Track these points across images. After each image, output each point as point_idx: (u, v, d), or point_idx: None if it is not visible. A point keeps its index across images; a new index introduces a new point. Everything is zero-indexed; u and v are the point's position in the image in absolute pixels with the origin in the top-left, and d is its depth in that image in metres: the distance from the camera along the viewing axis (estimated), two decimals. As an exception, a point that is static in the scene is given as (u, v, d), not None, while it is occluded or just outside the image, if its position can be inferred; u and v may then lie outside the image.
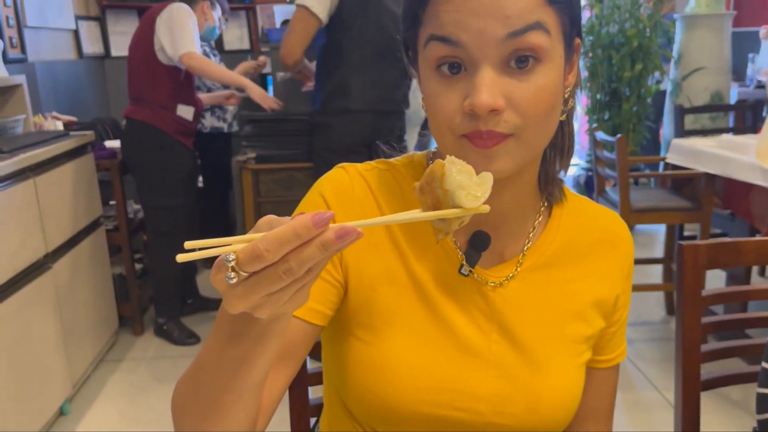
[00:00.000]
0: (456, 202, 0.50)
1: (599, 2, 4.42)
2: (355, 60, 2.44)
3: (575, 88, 0.72)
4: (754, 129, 3.32)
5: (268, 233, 0.44)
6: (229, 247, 0.45)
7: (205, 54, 3.43)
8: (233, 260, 0.44)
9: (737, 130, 3.56)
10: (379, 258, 0.74)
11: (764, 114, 4.09)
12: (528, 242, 0.77)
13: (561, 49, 0.65)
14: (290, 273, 0.44)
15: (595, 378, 0.82)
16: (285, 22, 3.09)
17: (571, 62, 0.69)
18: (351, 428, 0.79)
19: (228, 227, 4.00)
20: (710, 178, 2.68)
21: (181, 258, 0.44)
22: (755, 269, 3.41)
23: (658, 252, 3.92)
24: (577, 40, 0.70)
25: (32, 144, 2.32)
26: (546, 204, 0.79)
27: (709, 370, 1.12)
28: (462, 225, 0.53)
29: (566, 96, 0.70)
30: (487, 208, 0.51)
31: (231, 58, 4.13)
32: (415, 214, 0.51)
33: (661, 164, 3.22)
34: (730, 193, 2.68)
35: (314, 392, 0.96)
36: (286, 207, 2.83)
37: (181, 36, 2.67)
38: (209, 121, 3.61)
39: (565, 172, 0.79)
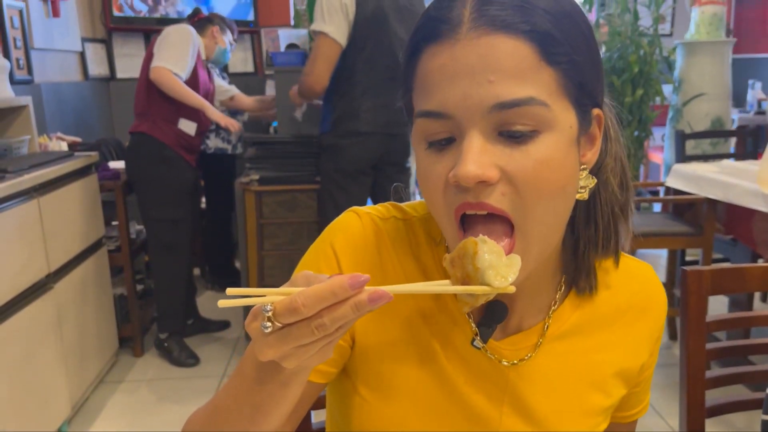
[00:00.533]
0: (485, 280, 0.52)
1: (600, 29, 4.47)
2: (367, 83, 2.48)
3: (607, 165, 0.65)
4: (755, 155, 3.33)
5: (306, 289, 0.46)
6: (267, 298, 0.47)
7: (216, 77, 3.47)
8: (271, 311, 0.47)
9: (738, 155, 3.58)
10: (389, 320, 0.69)
11: (765, 139, 4.12)
12: (548, 319, 0.70)
13: (571, 117, 0.57)
14: (322, 329, 0.46)
15: (612, 430, 0.77)
16: (290, 46, 3.13)
17: (591, 136, 0.61)
18: None
19: (230, 249, 4.00)
20: (712, 203, 2.68)
21: (222, 304, 0.48)
22: (757, 295, 3.40)
23: (660, 277, 3.91)
24: (597, 111, 0.61)
25: (37, 164, 2.33)
26: (568, 290, 0.71)
27: (713, 396, 1.12)
28: (487, 300, 0.54)
29: (584, 175, 0.61)
30: (513, 289, 0.52)
31: (235, 80, 4.16)
32: (445, 287, 0.53)
33: (662, 189, 3.23)
34: (732, 219, 2.68)
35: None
36: (288, 228, 2.84)
37: (165, 50, 2.75)
38: (213, 142, 3.63)
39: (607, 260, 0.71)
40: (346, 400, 0.73)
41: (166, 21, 4.19)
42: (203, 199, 3.83)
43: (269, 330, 0.47)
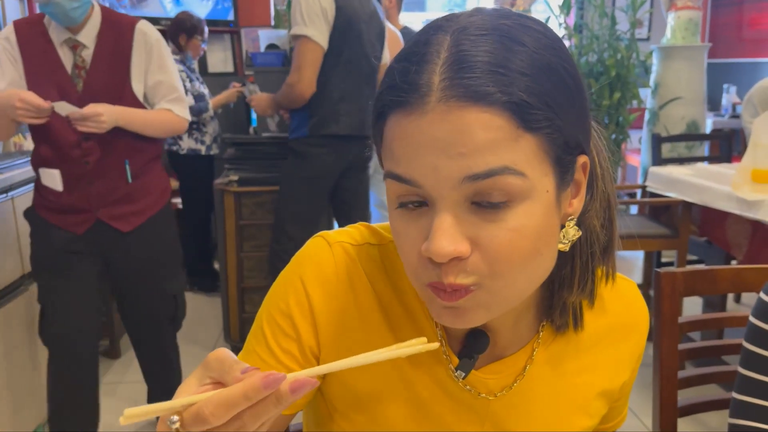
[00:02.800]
0: None
1: (578, 32, 4.53)
2: (344, 88, 2.48)
3: (592, 209, 0.61)
4: (729, 158, 3.39)
5: (215, 395, 0.42)
6: (171, 405, 0.43)
7: (182, 81, 3.43)
8: (177, 422, 0.43)
9: (712, 158, 3.64)
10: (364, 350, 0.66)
11: (738, 144, 4.19)
12: (533, 346, 0.68)
13: (549, 182, 0.53)
14: (243, 428, 0.43)
15: None
16: (270, 46, 3.11)
17: (576, 184, 0.58)
18: None
19: (208, 251, 3.97)
20: (687, 205, 2.72)
21: (124, 421, 0.42)
22: (731, 296, 3.46)
23: (636, 278, 3.96)
24: (583, 159, 0.57)
25: (11, 164, 2.30)
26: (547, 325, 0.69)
27: (686, 396, 1.14)
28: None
29: (567, 228, 0.58)
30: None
31: (215, 81, 4.15)
32: (392, 351, 0.50)
33: (639, 192, 3.28)
34: (707, 221, 2.73)
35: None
36: (268, 230, 2.82)
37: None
38: (186, 143, 3.60)
39: (578, 306, 0.68)
40: (324, 427, 0.71)
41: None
42: (180, 201, 3.80)
43: None
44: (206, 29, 3.69)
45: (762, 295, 0.87)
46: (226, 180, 2.80)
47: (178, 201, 3.88)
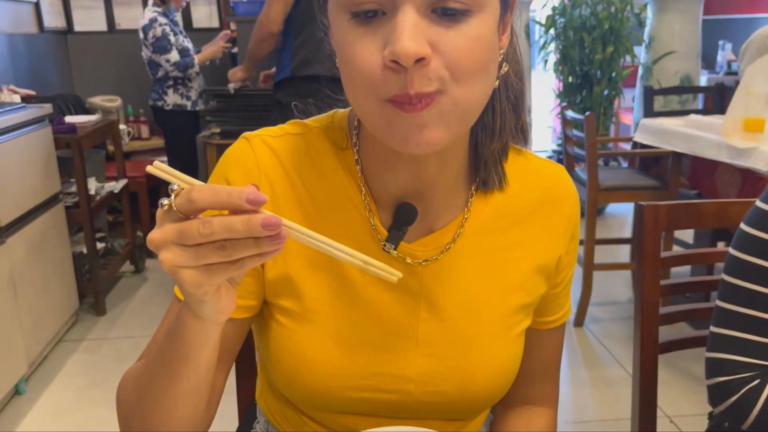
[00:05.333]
0: None
1: (571, -15, 4.42)
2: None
3: (508, 52, 0.65)
4: (722, 111, 3.34)
5: (210, 185, 0.47)
6: (178, 180, 0.49)
7: (166, 34, 3.34)
8: (175, 191, 0.48)
9: (706, 113, 3.59)
10: (297, 245, 0.67)
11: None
12: (463, 216, 0.69)
13: (496, 1, 0.57)
14: (208, 229, 0.46)
15: (539, 339, 0.78)
16: (252, -4, 3.02)
17: (505, 21, 0.61)
18: (284, 407, 0.77)
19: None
20: (677, 157, 2.68)
21: (149, 169, 0.49)
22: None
23: (626, 233, 3.95)
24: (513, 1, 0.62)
25: None
26: (478, 187, 0.71)
27: (669, 333, 1.11)
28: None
29: (500, 59, 0.61)
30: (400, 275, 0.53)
31: (200, 36, 4.05)
32: (350, 256, 0.51)
33: (630, 145, 3.23)
34: (697, 173, 2.69)
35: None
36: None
37: None
38: (172, 98, 3.52)
39: (501, 155, 0.70)
40: (267, 333, 0.71)
41: (126, -28, 4.04)
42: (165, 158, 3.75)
43: (164, 208, 0.48)
44: None
45: (759, 203, 0.85)
46: (209, 133, 2.75)
47: (164, 158, 3.83)
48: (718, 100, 3.45)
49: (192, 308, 0.52)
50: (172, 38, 3.37)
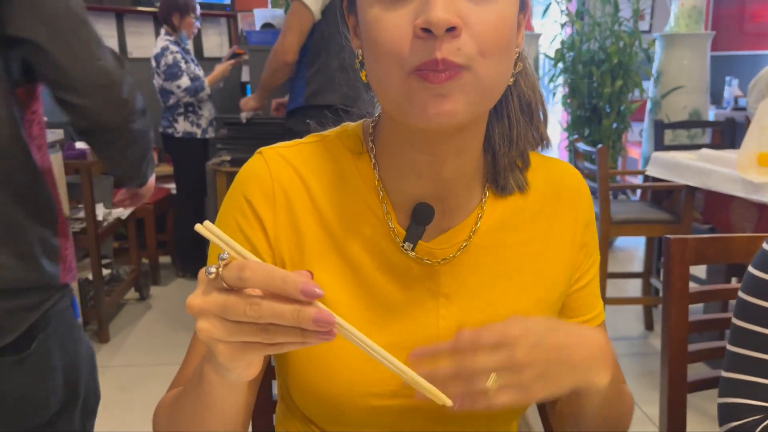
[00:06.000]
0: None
1: (580, 19, 4.46)
2: (344, 56, 2.39)
3: (521, 65, 0.67)
4: (732, 145, 3.33)
5: (264, 263, 0.45)
6: (230, 249, 0.47)
7: (177, 61, 3.36)
8: (225, 260, 0.46)
9: (714, 147, 3.58)
10: (315, 250, 0.68)
11: (742, 134, 4.13)
12: (479, 213, 0.70)
13: None
14: (255, 311, 0.44)
15: None
16: (266, 26, 3.05)
17: (519, 19, 0.63)
18: (303, 428, 0.74)
19: (202, 237, 3.90)
20: (690, 191, 2.66)
21: (198, 228, 0.47)
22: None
23: (638, 267, 3.91)
24: (528, 2, 0.65)
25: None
26: (492, 187, 0.72)
27: (696, 371, 1.07)
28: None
29: (515, 56, 0.63)
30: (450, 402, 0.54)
31: (211, 65, 4.07)
32: (405, 373, 0.51)
33: (641, 178, 3.22)
34: (711, 207, 2.67)
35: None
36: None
37: None
38: (182, 126, 3.53)
39: (520, 162, 0.72)
40: None
41: (140, 1, 4.09)
42: (173, 186, 3.74)
43: (211, 276, 0.46)
44: (198, 5, 3.58)
45: (766, 245, 0.84)
46: (219, 160, 2.74)
47: (172, 186, 3.82)
48: (728, 134, 3.44)
49: (217, 370, 0.52)
50: (183, 65, 3.39)
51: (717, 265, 2.81)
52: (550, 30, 4.73)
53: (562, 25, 4.51)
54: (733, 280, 2.79)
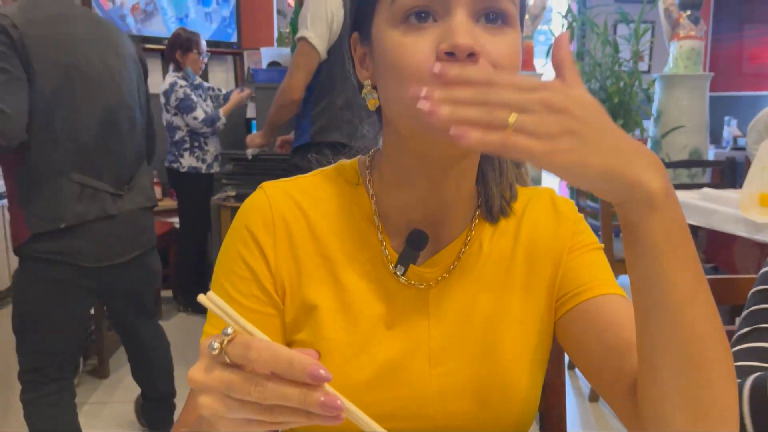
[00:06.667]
0: None
1: (581, 59, 4.53)
2: (349, 95, 2.43)
3: None
4: (733, 185, 3.36)
5: (271, 342, 0.44)
6: (234, 323, 0.46)
7: (188, 94, 3.42)
8: (229, 336, 0.45)
9: (715, 186, 3.61)
10: (312, 275, 0.70)
11: (742, 174, 4.16)
12: (468, 235, 0.72)
13: (520, 29, 0.65)
14: (261, 393, 0.43)
15: (596, 310, 0.69)
16: (272, 64, 3.10)
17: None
18: None
19: (204, 271, 3.90)
20: (693, 229, 2.67)
21: (201, 299, 0.46)
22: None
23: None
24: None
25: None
26: (481, 210, 0.74)
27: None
28: None
29: None
30: None
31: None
32: None
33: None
34: (714, 246, 2.68)
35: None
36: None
37: None
38: (187, 161, 3.55)
39: (508, 193, 0.75)
40: None
41: (148, 39, 4.17)
42: (176, 220, 3.75)
43: (216, 352, 0.45)
44: (203, 43, 3.63)
45: None
46: (224, 195, 2.76)
47: (175, 220, 3.83)
48: (728, 174, 3.47)
49: None
50: (194, 97, 3.44)
51: (722, 306, 2.80)
52: (552, 70, 4.80)
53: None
54: (737, 320, 2.78)
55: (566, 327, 0.72)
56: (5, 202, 2.17)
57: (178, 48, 3.52)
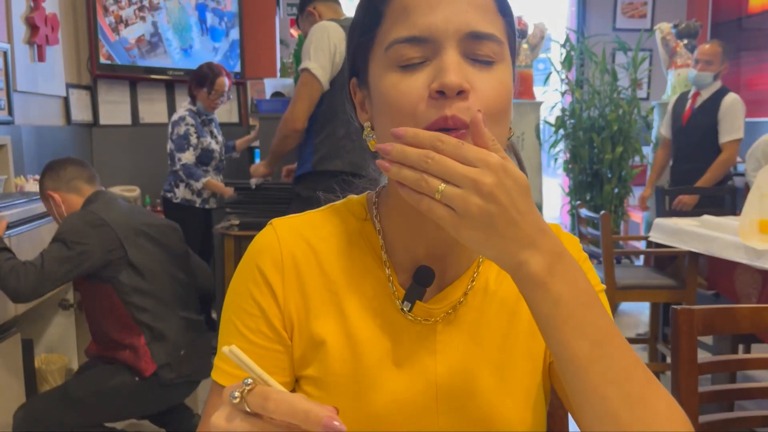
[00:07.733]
0: None
1: (580, 88, 4.59)
2: (351, 124, 2.46)
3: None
4: (733, 211, 3.37)
5: (288, 395, 0.47)
6: (254, 375, 0.48)
7: (189, 134, 3.34)
8: (249, 386, 0.48)
9: (716, 212, 3.62)
10: (320, 310, 0.72)
11: (741, 200, 4.17)
12: (473, 272, 0.74)
13: (510, 60, 0.67)
14: None
15: None
16: (276, 94, 3.14)
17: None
18: None
19: (206, 300, 3.89)
20: (694, 256, 2.69)
21: (224, 351, 0.49)
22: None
23: (643, 329, 3.88)
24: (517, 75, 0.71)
25: (10, 203, 2.28)
26: None
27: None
28: None
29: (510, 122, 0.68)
30: None
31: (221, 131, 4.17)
32: None
33: (643, 243, 3.24)
34: (714, 273, 2.68)
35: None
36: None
37: None
38: (181, 192, 3.41)
39: None
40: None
41: (153, 70, 4.23)
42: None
43: (236, 401, 0.48)
44: (224, 83, 3.39)
45: None
46: (227, 224, 2.78)
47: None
48: (729, 200, 3.48)
49: None
50: (193, 140, 3.33)
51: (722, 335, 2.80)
52: (551, 98, 4.87)
53: (563, 93, 4.64)
54: (740, 347, 2.77)
55: (553, 371, 0.75)
56: (11, 231, 2.20)
57: (194, 81, 3.41)
